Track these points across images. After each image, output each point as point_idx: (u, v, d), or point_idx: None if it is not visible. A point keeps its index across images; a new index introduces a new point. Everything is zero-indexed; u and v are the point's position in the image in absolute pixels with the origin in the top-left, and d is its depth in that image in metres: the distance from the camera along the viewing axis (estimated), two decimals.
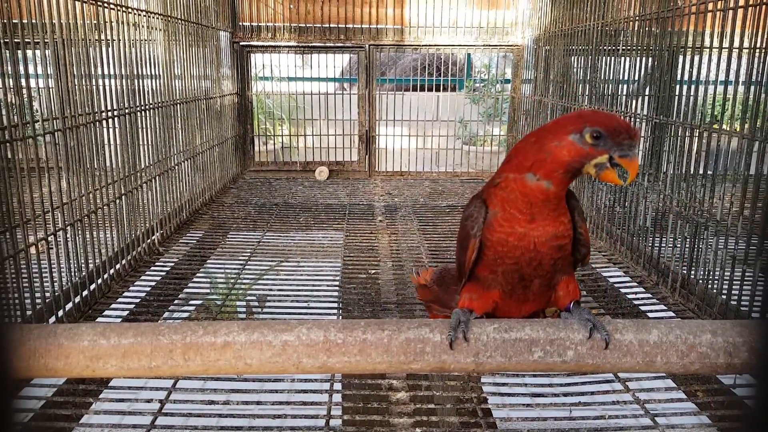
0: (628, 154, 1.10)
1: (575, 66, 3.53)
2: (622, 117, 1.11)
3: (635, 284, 2.54)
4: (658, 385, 1.74)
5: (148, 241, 2.86)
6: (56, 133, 2.09)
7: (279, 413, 1.61)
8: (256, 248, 3.01)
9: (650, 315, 2.25)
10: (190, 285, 2.58)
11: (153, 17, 2.94)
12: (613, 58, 2.99)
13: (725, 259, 2.10)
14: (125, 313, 2.25)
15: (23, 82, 1.87)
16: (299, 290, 2.50)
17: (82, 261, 2.23)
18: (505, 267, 1.20)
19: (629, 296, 2.43)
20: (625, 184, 1.17)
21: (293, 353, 1.22)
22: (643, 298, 2.40)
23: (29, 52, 1.94)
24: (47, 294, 1.99)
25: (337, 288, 2.52)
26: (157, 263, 2.76)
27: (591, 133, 1.09)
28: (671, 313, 2.24)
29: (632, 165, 1.10)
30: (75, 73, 2.21)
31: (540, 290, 1.26)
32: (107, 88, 2.45)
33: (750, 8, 1.99)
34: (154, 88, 2.98)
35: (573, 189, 3.55)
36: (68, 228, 2.14)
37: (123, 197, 2.60)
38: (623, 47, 2.90)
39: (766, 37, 1.92)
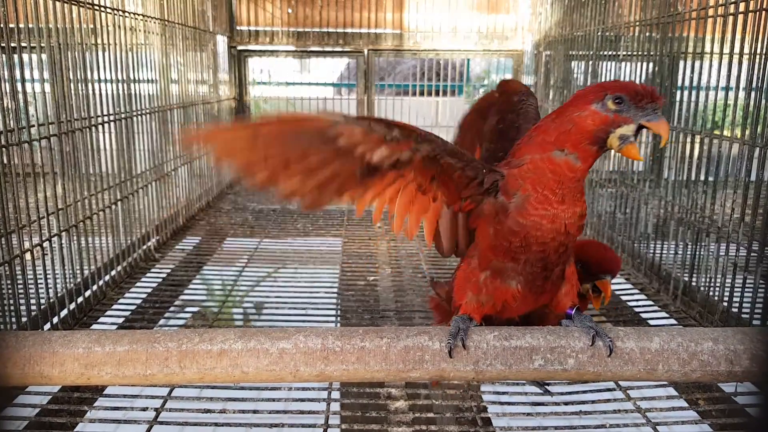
0: (654, 117, 1.09)
1: (576, 71, 3.53)
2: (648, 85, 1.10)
3: (636, 291, 2.53)
4: (660, 393, 1.72)
5: (144, 247, 2.84)
6: (51, 138, 2.07)
7: (276, 422, 1.58)
8: (253, 255, 2.99)
9: (652, 323, 2.23)
10: (187, 292, 2.56)
11: (150, 21, 2.93)
12: (613, 63, 2.98)
13: (726, 266, 2.08)
14: (120, 320, 2.23)
15: (19, 86, 1.85)
16: (297, 297, 2.48)
17: (77, 267, 2.21)
18: (530, 254, 1.17)
19: (630, 303, 2.41)
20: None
21: (290, 361, 1.21)
22: (644, 306, 2.38)
23: (25, 57, 1.93)
24: (42, 301, 1.97)
25: (335, 295, 2.50)
26: (152, 270, 2.74)
27: (613, 99, 1.08)
28: (673, 321, 2.23)
29: (661, 126, 1.09)
30: (71, 77, 2.19)
31: (558, 276, 1.24)
32: (103, 92, 2.43)
33: (750, 14, 1.99)
34: (151, 93, 2.97)
35: None
36: (63, 234, 2.12)
37: (119, 203, 2.58)
38: (624, 53, 2.89)
39: (766, 42, 1.91)
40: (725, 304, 2.08)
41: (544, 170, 1.13)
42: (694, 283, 2.28)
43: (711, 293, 2.16)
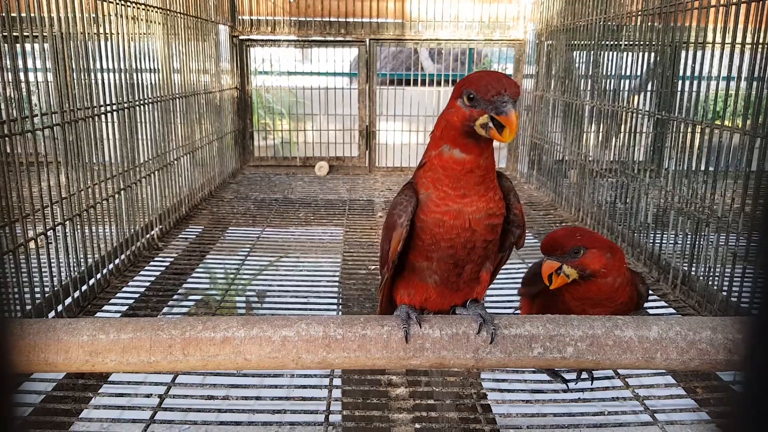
0: (502, 110, 1.10)
1: (577, 61, 3.52)
2: (504, 75, 1.13)
3: None
4: (658, 381, 1.74)
5: (147, 236, 2.85)
6: (55, 128, 2.08)
7: (278, 408, 1.60)
8: (255, 244, 3.01)
9: (651, 311, 2.24)
10: (190, 280, 2.58)
11: (152, 11, 2.93)
12: (615, 53, 2.98)
13: (726, 256, 2.09)
14: (124, 308, 2.25)
15: (22, 76, 1.86)
16: (299, 286, 2.50)
17: (81, 256, 2.22)
18: (440, 252, 1.20)
19: None
20: (507, 140, 1.18)
21: (292, 349, 1.22)
22: None
23: (28, 46, 1.93)
24: (46, 289, 1.99)
25: (336, 284, 2.52)
26: (156, 258, 2.76)
27: (467, 95, 1.12)
28: (672, 310, 2.24)
29: (507, 120, 1.10)
30: (74, 67, 2.19)
31: (471, 277, 1.27)
32: (106, 82, 2.44)
33: (753, 3, 1.98)
34: (153, 83, 2.97)
35: (576, 186, 3.54)
36: (67, 223, 2.13)
37: (122, 192, 2.59)
38: (626, 42, 2.89)
39: None
40: (724, 293, 2.09)
41: (437, 167, 1.17)
42: (693, 273, 2.29)
43: (710, 283, 2.17)
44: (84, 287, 2.22)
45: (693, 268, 2.29)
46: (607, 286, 1.55)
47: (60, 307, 2.05)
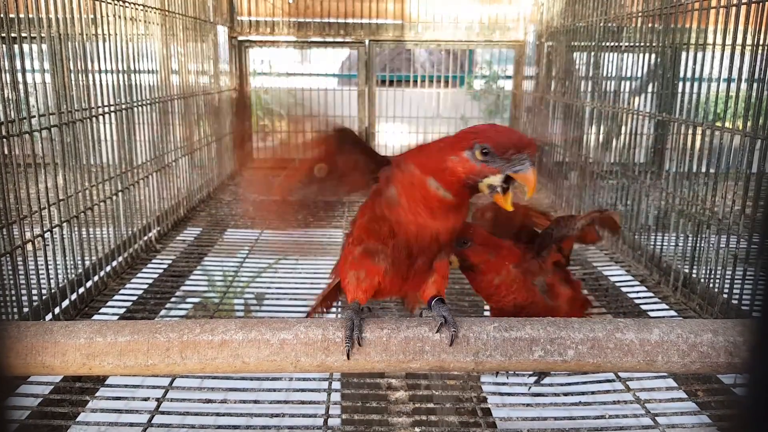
0: (520, 168, 1.07)
1: (578, 62, 3.51)
2: (520, 132, 1.10)
3: (637, 283, 2.53)
4: (659, 384, 1.73)
5: (145, 238, 2.84)
6: (52, 129, 2.07)
7: (277, 412, 1.59)
8: (254, 246, 3.00)
9: (652, 314, 2.24)
10: (188, 282, 2.56)
11: (150, 11, 2.92)
12: (615, 54, 2.97)
13: (727, 258, 2.08)
14: (122, 310, 2.23)
15: (19, 76, 1.85)
16: (298, 288, 2.49)
17: (79, 258, 2.21)
18: (396, 241, 1.20)
19: (631, 295, 2.41)
20: (510, 209, 1.15)
21: (291, 352, 1.21)
22: (644, 297, 2.38)
23: (25, 47, 1.92)
24: (44, 291, 1.98)
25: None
26: (153, 260, 2.74)
27: (480, 150, 1.08)
28: (673, 312, 2.23)
29: (526, 179, 1.07)
30: (71, 68, 2.18)
31: (422, 268, 1.26)
32: (104, 83, 2.43)
33: (753, 5, 1.97)
34: (152, 84, 2.96)
35: (576, 188, 3.52)
36: (64, 224, 2.12)
37: (120, 194, 2.58)
38: (626, 44, 2.88)
39: None
40: (725, 296, 2.08)
41: (416, 189, 1.14)
42: (694, 275, 2.28)
43: (711, 285, 2.16)
44: (81, 290, 2.20)
45: (694, 271, 2.28)
46: (486, 282, 1.55)
47: (57, 310, 2.04)
